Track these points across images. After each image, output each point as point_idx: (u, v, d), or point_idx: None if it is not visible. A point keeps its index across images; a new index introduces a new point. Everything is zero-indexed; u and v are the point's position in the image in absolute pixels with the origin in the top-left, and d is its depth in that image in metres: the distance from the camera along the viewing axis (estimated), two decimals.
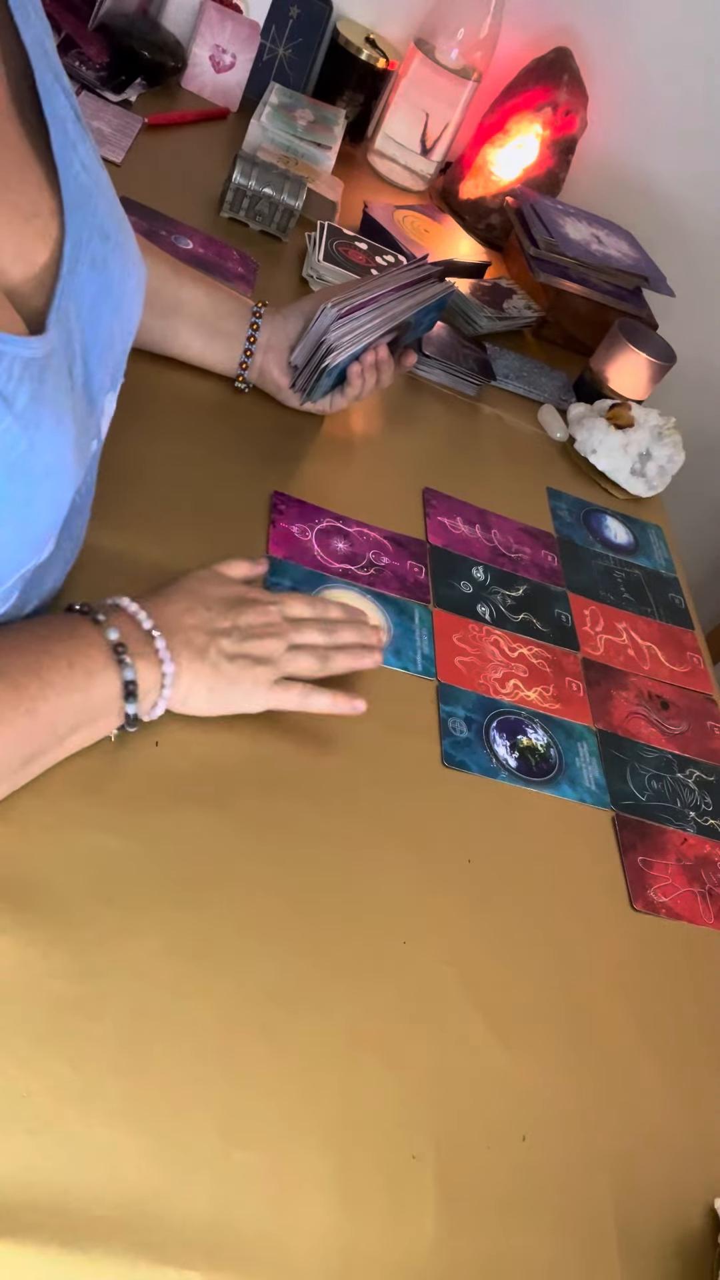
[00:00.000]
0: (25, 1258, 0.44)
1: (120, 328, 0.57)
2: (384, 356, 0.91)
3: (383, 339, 0.89)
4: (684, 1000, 0.73)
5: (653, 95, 1.51)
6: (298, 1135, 0.53)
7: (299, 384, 0.90)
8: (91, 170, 0.51)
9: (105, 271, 0.53)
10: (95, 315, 0.53)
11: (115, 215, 0.55)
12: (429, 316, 0.97)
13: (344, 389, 0.93)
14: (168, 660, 0.61)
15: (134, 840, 0.59)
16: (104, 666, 0.57)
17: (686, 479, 1.31)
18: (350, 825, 0.69)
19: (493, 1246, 0.55)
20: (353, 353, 0.87)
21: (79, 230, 0.50)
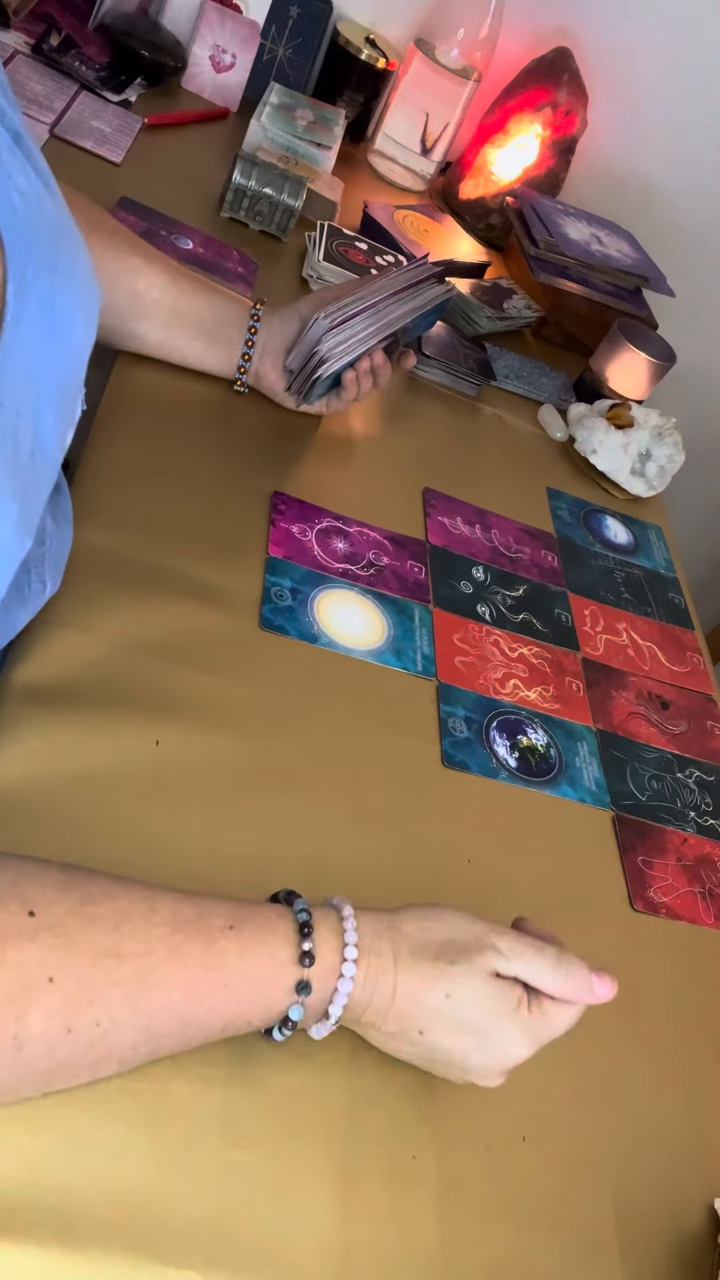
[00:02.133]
0: (25, 1258, 0.44)
1: (73, 363, 0.52)
2: (380, 362, 0.90)
3: (379, 345, 0.89)
4: (684, 1000, 0.73)
5: (653, 95, 1.51)
6: (298, 1135, 0.53)
7: (294, 388, 0.90)
8: (33, 198, 0.47)
9: (52, 310, 0.48)
10: (42, 364, 0.48)
11: (64, 242, 0.50)
12: (428, 319, 0.97)
13: (340, 392, 0.92)
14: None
15: (134, 840, 0.59)
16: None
17: (686, 479, 1.31)
18: (350, 825, 0.69)
19: (492, 1246, 0.55)
20: (346, 362, 0.87)
21: (22, 271, 0.45)
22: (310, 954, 0.49)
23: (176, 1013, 0.46)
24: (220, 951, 0.47)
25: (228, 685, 0.71)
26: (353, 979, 0.50)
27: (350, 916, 0.52)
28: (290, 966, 0.49)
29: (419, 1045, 0.53)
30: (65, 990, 0.43)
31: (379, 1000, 0.51)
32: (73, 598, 0.68)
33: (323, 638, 0.79)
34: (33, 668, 0.64)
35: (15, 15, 1.21)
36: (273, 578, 0.80)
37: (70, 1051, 0.44)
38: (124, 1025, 0.45)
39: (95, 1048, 0.44)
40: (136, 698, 0.67)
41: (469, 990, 0.51)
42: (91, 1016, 0.44)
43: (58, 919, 0.44)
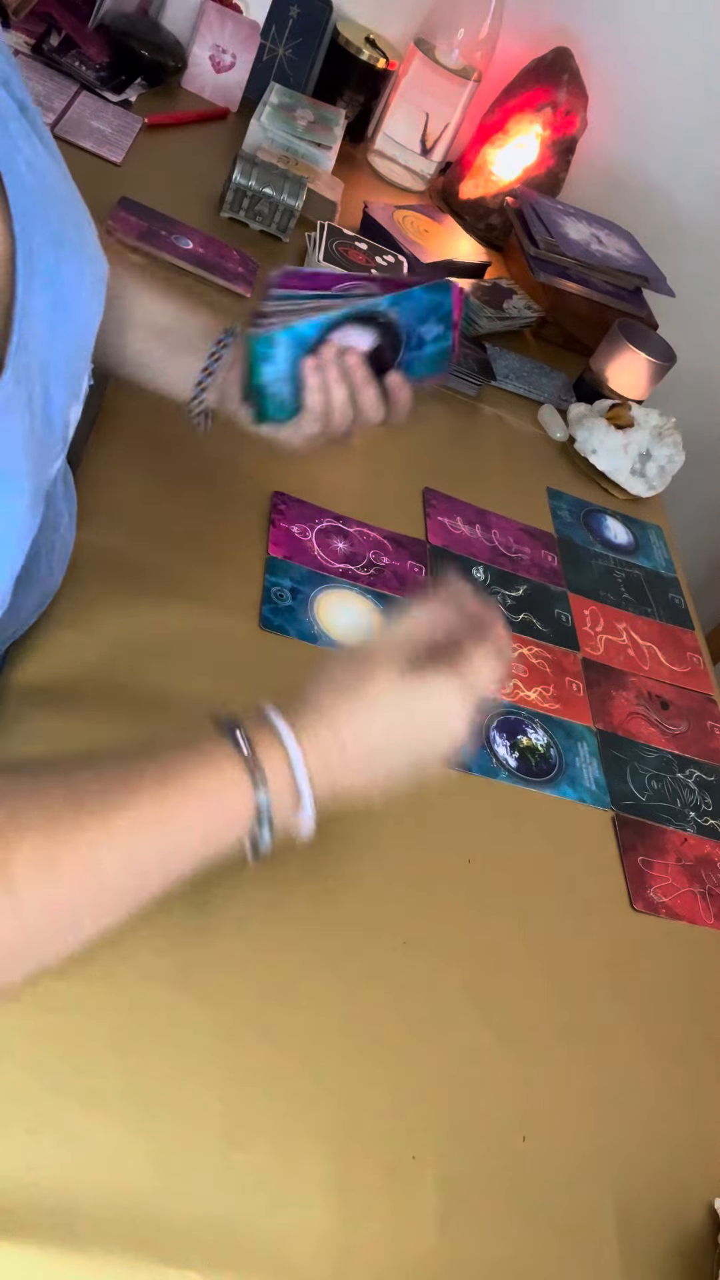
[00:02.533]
0: (25, 1258, 0.44)
1: (80, 339, 0.52)
2: (354, 363, 0.70)
3: (341, 328, 0.70)
4: (684, 1000, 0.73)
5: (653, 95, 1.51)
6: (298, 1135, 0.53)
7: (242, 393, 0.72)
8: (39, 169, 0.47)
9: (58, 282, 0.48)
10: (52, 333, 0.48)
11: (71, 215, 0.50)
12: (432, 327, 0.72)
13: (306, 404, 0.72)
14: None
15: None
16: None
17: (686, 479, 1.31)
18: (349, 825, 0.69)
19: (493, 1246, 0.55)
20: (289, 335, 0.68)
21: (29, 241, 0.45)
22: (247, 739, 0.49)
23: (150, 836, 0.47)
24: (171, 772, 0.48)
25: (228, 685, 0.71)
26: (299, 746, 0.50)
27: (270, 708, 0.52)
28: (236, 759, 0.49)
29: (389, 757, 0.53)
30: (41, 836, 0.43)
31: (333, 756, 0.51)
32: (73, 598, 0.68)
33: (323, 638, 0.79)
34: (33, 668, 0.64)
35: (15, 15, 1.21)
36: (273, 578, 0.80)
37: (64, 889, 0.44)
38: (105, 859, 0.45)
39: (85, 882, 0.45)
40: (136, 698, 0.67)
41: (379, 683, 0.53)
42: (71, 847, 0.44)
43: (8, 792, 0.45)
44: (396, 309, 0.70)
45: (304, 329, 0.69)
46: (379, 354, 0.71)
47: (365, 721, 0.52)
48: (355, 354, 0.70)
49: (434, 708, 0.54)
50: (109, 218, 1.04)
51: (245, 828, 0.50)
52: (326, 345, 0.70)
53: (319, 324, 0.69)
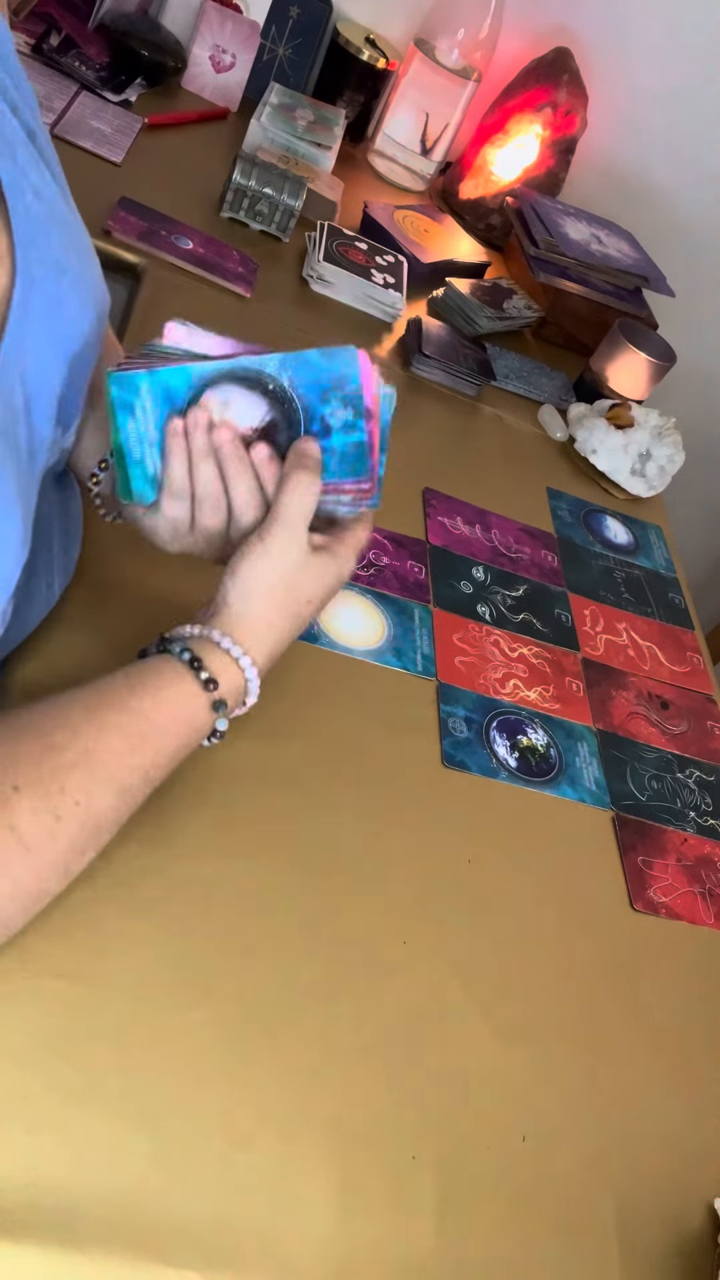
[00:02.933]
0: (25, 1258, 0.44)
1: (76, 368, 0.52)
2: (225, 438, 0.55)
3: (221, 388, 0.56)
4: (684, 1000, 0.73)
5: (653, 95, 1.51)
6: (298, 1136, 0.53)
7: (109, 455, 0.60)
8: (47, 196, 0.47)
9: (59, 311, 0.48)
10: (44, 364, 0.48)
11: (75, 244, 0.50)
12: (337, 410, 0.56)
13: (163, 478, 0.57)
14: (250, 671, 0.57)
15: (133, 841, 0.59)
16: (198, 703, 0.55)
17: (686, 479, 1.31)
18: (350, 825, 0.69)
19: (493, 1246, 0.55)
20: (154, 380, 0.55)
21: (30, 268, 0.45)
22: (212, 680, 0.54)
23: (130, 764, 0.51)
24: (135, 709, 0.52)
25: None
26: (257, 673, 0.57)
27: (222, 636, 0.56)
28: (201, 695, 0.54)
29: (314, 598, 0.59)
30: (33, 791, 0.47)
31: (276, 648, 0.58)
32: (76, 600, 0.68)
33: (323, 637, 0.79)
34: (33, 668, 0.64)
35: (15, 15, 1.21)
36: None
37: (68, 833, 0.48)
38: (96, 794, 0.49)
39: (86, 823, 0.49)
40: None
41: (312, 582, 0.58)
42: (68, 799, 0.48)
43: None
44: (287, 374, 0.55)
45: (171, 377, 0.55)
46: (269, 434, 0.56)
47: (300, 617, 0.58)
48: (229, 427, 0.55)
49: (340, 573, 0.59)
50: (109, 218, 1.04)
51: (204, 735, 0.56)
52: (198, 408, 0.55)
53: (191, 374, 0.55)
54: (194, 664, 0.54)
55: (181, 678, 0.54)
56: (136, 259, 1.04)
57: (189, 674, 0.54)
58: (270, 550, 0.56)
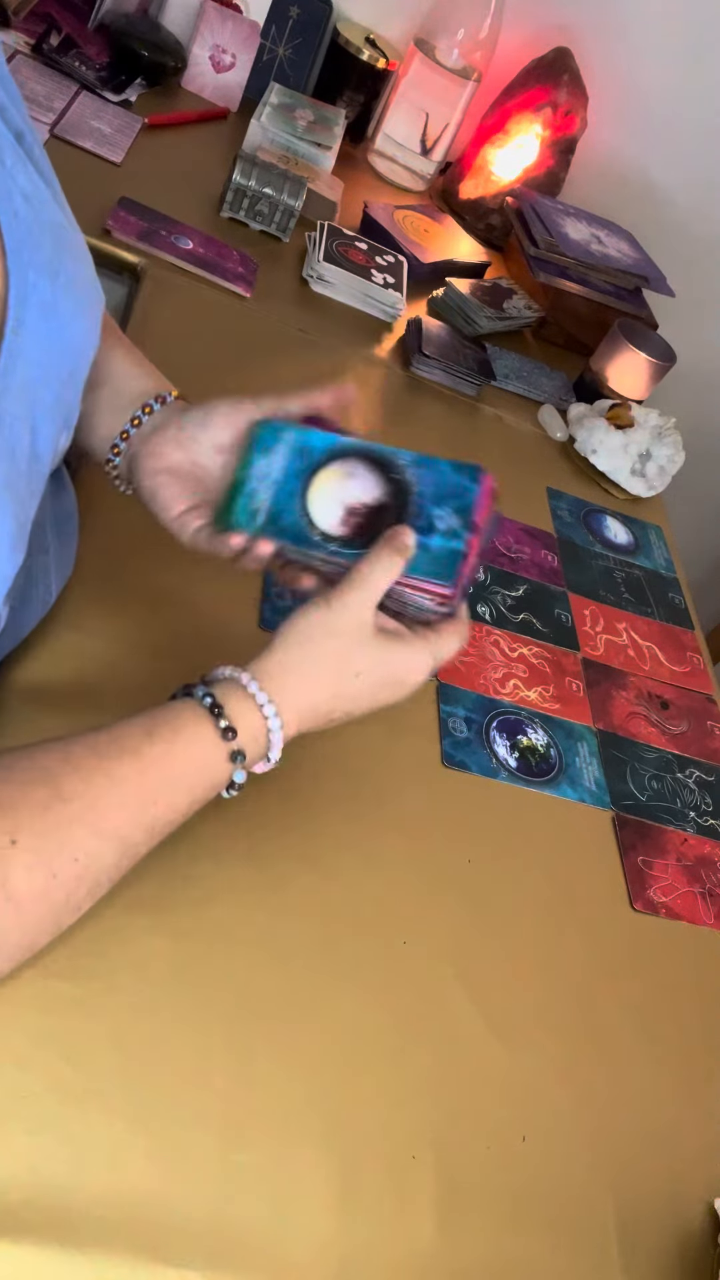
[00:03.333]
0: (25, 1258, 0.44)
1: (73, 371, 0.52)
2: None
3: (350, 461, 0.60)
4: (684, 1000, 0.73)
5: (653, 95, 1.51)
6: (298, 1135, 0.53)
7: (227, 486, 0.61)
8: (36, 199, 0.46)
9: (54, 315, 0.48)
10: (43, 369, 0.48)
11: (68, 246, 0.50)
12: (447, 516, 0.58)
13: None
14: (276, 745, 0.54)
15: None
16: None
17: (686, 479, 1.31)
18: (350, 825, 0.69)
19: (493, 1246, 0.55)
20: (300, 436, 0.60)
21: (24, 273, 0.45)
22: (231, 729, 0.51)
23: (138, 822, 0.49)
24: (150, 758, 0.49)
25: None
26: (280, 729, 0.53)
27: (250, 681, 0.53)
28: (219, 745, 0.51)
29: (367, 678, 0.55)
30: (31, 846, 0.45)
31: (305, 724, 0.55)
32: (74, 599, 0.68)
33: None
34: (33, 668, 0.64)
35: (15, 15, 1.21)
36: (273, 576, 0.80)
37: (63, 892, 0.46)
38: (97, 852, 0.47)
39: (83, 880, 0.47)
40: (136, 698, 0.66)
41: (368, 658, 0.55)
42: (67, 856, 0.46)
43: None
44: (415, 469, 0.59)
45: (314, 438, 0.60)
46: (377, 515, 0.58)
47: (349, 697, 0.55)
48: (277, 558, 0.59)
49: (404, 664, 0.56)
50: (109, 218, 1.04)
51: (219, 789, 0.53)
52: (325, 470, 0.59)
53: (331, 441, 0.60)
54: (215, 710, 0.52)
55: (201, 725, 0.51)
56: (136, 259, 1.04)
57: (209, 720, 0.51)
58: (332, 607, 0.54)
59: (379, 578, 0.54)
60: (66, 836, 0.46)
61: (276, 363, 1.04)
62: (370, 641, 0.55)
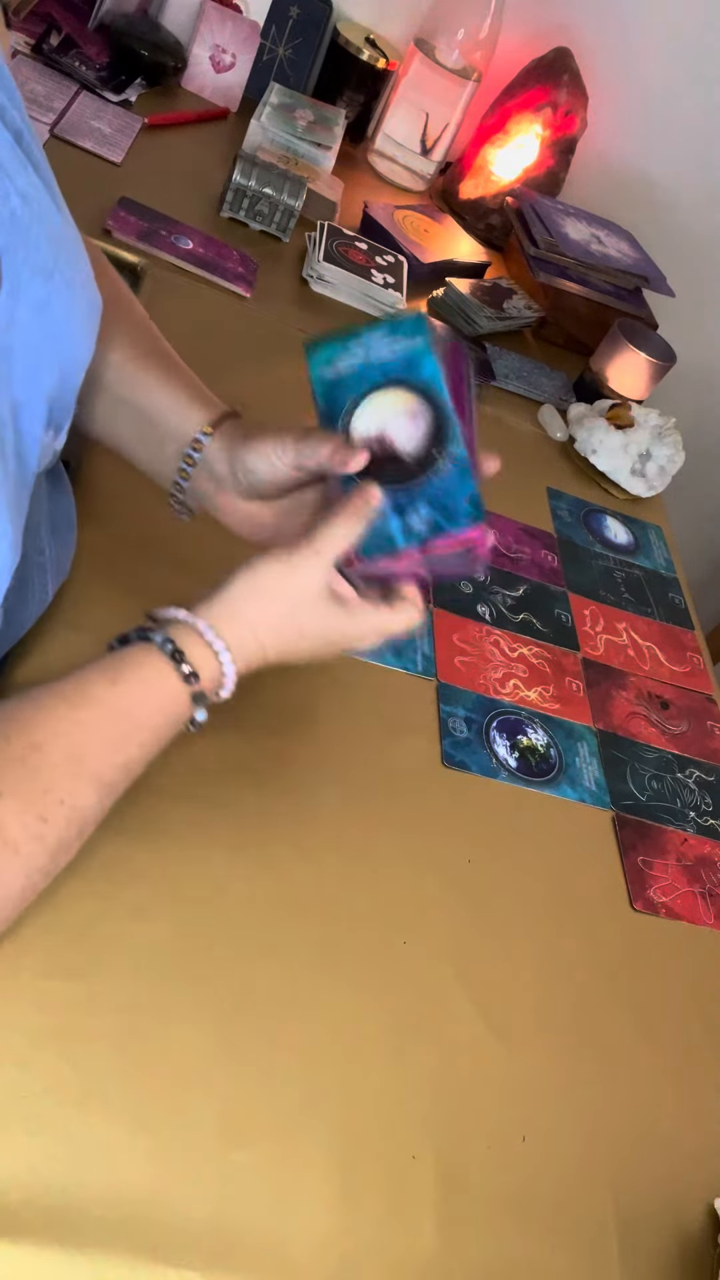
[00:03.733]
0: (25, 1258, 0.44)
1: (67, 372, 0.52)
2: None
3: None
4: (684, 1000, 0.73)
5: (653, 95, 1.51)
6: (298, 1135, 0.53)
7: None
8: (33, 199, 0.46)
9: (45, 314, 0.48)
10: (32, 369, 0.48)
11: (64, 246, 0.50)
12: (460, 503, 0.60)
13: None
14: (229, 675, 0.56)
15: (132, 841, 0.59)
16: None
17: (686, 479, 1.31)
18: (350, 825, 0.69)
19: (492, 1246, 0.55)
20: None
21: (16, 272, 0.45)
22: (194, 674, 0.54)
23: (113, 763, 0.51)
24: (118, 707, 0.52)
25: None
26: (234, 671, 0.55)
27: (207, 629, 0.55)
28: (182, 689, 0.54)
29: (311, 640, 0.58)
30: (16, 793, 0.47)
31: (256, 664, 0.57)
32: (73, 598, 0.68)
33: None
34: (33, 668, 0.64)
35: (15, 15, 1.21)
36: None
37: (54, 833, 0.48)
38: (79, 793, 0.49)
39: (72, 821, 0.49)
40: None
41: (316, 620, 0.57)
42: (53, 799, 0.48)
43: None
44: (451, 469, 0.59)
45: (431, 371, 0.57)
46: (391, 464, 0.57)
47: (293, 650, 0.57)
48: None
49: (348, 633, 0.58)
50: (109, 218, 1.04)
51: (185, 718, 0.55)
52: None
53: (438, 388, 0.57)
54: (176, 656, 0.53)
55: (164, 672, 0.53)
56: (136, 259, 1.04)
57: (170, 667, 0.53)
58: (293, 564, 0.55)
59: (339, 540, 0.56)
60: (48, 782, 0.48)
61: (276, 363, 1.04)
62: (321, 605, 0.57)
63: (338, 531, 0.55)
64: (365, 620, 0.58)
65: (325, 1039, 0.58)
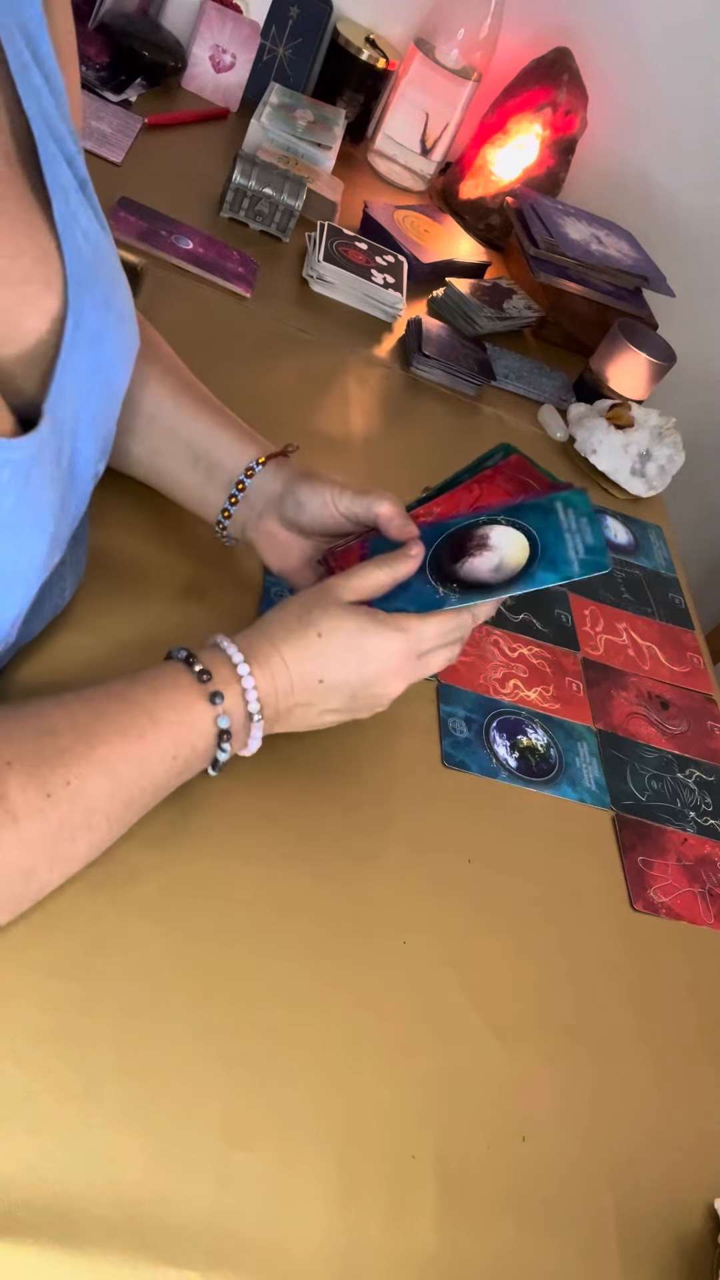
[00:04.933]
0: (25, 1258, 0.44)
1: (110, 400, 0.55)
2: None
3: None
4: (684, 1000, 0.73)
5: (653, 95, 1.51)
6: (298, 1135, 0.53)
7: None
8: (93, 240, 0.50)
9: (100, 345, 0.51)
10: (88, 392, 0.51)
11: (117, 285, 0.53)
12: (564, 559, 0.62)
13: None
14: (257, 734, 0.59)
15: (131, 840, 0.59)
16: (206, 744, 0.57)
17: (686, 479, 1.31)
18: (350, 825, 0.69)
19: (492, 1247, 0.55)
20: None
21: (80, 303, 0.48)
22: (205, 671, 0.56)
23: (127, 755, 0.52)
24: (133, 698, 0.53)
25: None
26: (250, 674, 0.57)
27: (223, 638, 0.58)
28: (196, 687, 0.55)
29: (330, 693, 0.59)
30: (25, 765, 0.48)
31: (280, 680, 0.58)
32: (75, 599, 0.68)
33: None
34: (33, 668, 0.64)
35: None
36: (273, 578, 0.80)
37: (58, 814, 0.49)
38: (89, 776, 0.50)
39: (76, 804, 0.50)
40: None
41: (331, 619, 0.58)
42: (59, 779, 0.49)
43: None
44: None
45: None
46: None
47: (312, 658, 0.58)
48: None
49: (378, 669, 0.59)
50: (109, 218, 1.04)
51: (208, 749, 0.56)
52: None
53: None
54: (189, 660, 0.56)
55: (179, 671, 0.56)
56: (136, 259, 1.04)
57: (185, 668, 0.56)
58: (318, 587, 0.60)
59: (368, 577, 0.59)
60: (58, 761, 0.49)
61: (276, 363, 1.04)
62: (333, 604, 0.59)
63: (370, 572, 0.59)
64: (389, 626, 0.59)
65: (325, 1039, 0.58)
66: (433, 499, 0.68)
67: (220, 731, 0.56)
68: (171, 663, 0.57)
